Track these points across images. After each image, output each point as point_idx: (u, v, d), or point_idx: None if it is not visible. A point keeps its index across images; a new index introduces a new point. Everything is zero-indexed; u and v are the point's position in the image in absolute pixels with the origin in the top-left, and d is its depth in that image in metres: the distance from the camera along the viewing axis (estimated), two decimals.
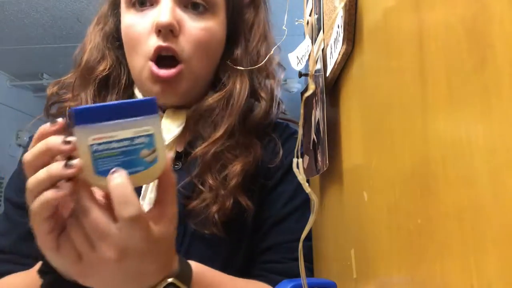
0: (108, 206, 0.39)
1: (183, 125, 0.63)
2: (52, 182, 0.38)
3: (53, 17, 3.09)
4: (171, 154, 0.62)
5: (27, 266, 0.57)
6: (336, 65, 0.46)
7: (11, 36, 3.37)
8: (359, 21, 0.41)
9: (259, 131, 0.66)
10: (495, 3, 0.18)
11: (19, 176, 0.65)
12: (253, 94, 0.67)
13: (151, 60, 0.60)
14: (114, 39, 0.67)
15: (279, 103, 0.70)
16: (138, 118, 0.38)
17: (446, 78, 0.23)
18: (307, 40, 0.59)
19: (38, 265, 0.49)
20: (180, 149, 0.64)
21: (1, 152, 4.06)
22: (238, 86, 0.63)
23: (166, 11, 0.58)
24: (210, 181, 0.59)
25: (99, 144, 0.37)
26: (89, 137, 0.37)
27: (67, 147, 0.38)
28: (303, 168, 0.46)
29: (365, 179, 0.39)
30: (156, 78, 0.60)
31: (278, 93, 0.69)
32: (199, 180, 0.60)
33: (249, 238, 0.64)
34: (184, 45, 0.60)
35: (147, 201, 0.59)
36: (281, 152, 0.66)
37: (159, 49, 0.59)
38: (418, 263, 0.27)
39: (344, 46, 0.43)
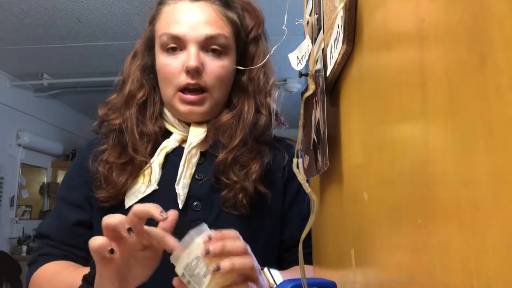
0: None
1: (206, 132, 0.84)
2: None
3: (53, 17, 3.08)
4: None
5: (63, 251, 0.81)
6: (336, 65, 0.47)
7: (11, 36, 3.37)
8: (359, 21, 0.41)
9: (266, 140, 0.86)
10: (495, 3, 0.18)
11: (77, 176, 0.86)
12: (257, 110, 0.87)
13: (180, 91, 0.81)
14: (149, 72, 0.89)
15: (277, 115, 0.89)
16: None
17: (446, 78, 0.23)
18: (307, 40, 0.59)
19: (85, 269, 0.65)
20: (203, 150, 0.84)
21: (1, 152, 4.06)
22: (246, 107, 0.85)
23: (194, 56, 0.79)
24: (234, 177, 0.79)
25: None
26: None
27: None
28: (303, 168, 0.46)
29: (365, 179, 0.39)
30: (184, 102, 0.82)
31: (276, 107, 0.89)
32: (224, 176, 0.80)
33: (271, 219, 0.84)
34: (206, 79, 0.81)
35: (181, 186, 0.78)
36: (286, 157, 0.86)
37: (188, 84, 0.81)
38: (418, 263, 0.27)
39: (344, 46, 0.43)
